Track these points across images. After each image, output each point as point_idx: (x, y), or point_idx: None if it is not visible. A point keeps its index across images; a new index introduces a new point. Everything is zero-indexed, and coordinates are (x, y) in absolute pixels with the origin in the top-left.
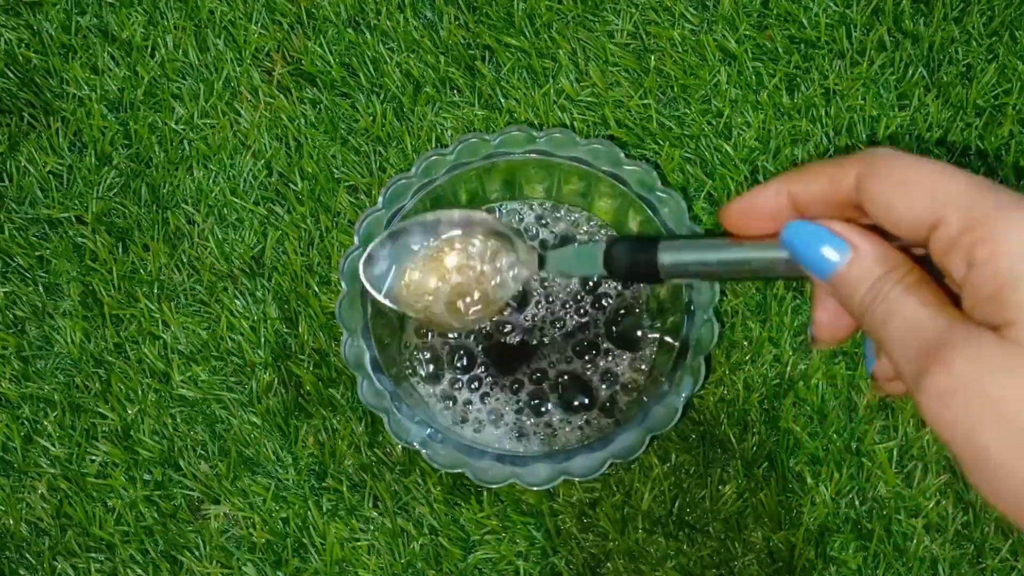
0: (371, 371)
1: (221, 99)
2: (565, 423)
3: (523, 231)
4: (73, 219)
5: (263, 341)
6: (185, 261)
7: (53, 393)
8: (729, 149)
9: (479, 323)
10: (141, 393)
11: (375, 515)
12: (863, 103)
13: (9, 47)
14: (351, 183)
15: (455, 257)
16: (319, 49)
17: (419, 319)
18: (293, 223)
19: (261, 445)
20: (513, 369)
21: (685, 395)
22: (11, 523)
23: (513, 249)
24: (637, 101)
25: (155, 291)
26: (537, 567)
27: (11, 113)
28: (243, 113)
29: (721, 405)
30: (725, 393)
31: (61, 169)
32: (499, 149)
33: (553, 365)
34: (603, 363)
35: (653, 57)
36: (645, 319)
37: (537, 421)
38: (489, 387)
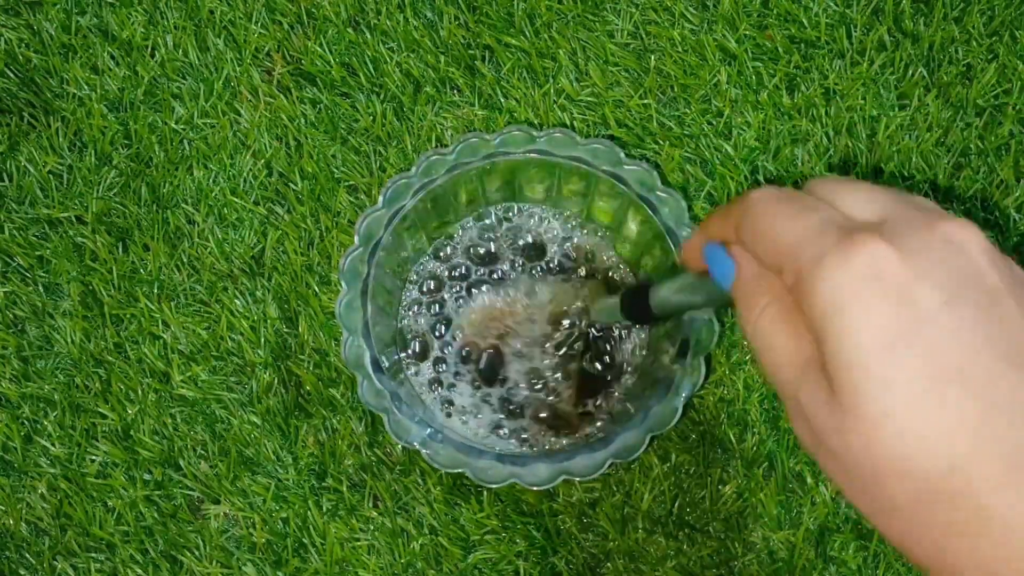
0: (371, 371)
1: (221, 99)
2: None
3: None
4: (73, 219)
5: (263, 341)
6: (185, 261)
7: (53, 393)
8: (729, 149)
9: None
10: (141, 393)
11: (375, 515)
12: (863, 103)
13: (9, 47)
14: (351, 183)
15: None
16: (319, 49)
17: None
18: (293, 223)
19: (261, 445)
20: (503, 375)
21: (685, 395)
22: (11, 523)
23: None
24: (637, 101)
25: (155, 291)
26: (537, 567)
27: (11, 113)
28: (243, 113)
29: (721, 405)
30: (725, 393)
31: (61, 169)
32: (499, 149)
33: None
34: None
35: (653, 57)
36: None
37: (535, 425)
38: (485, 389)
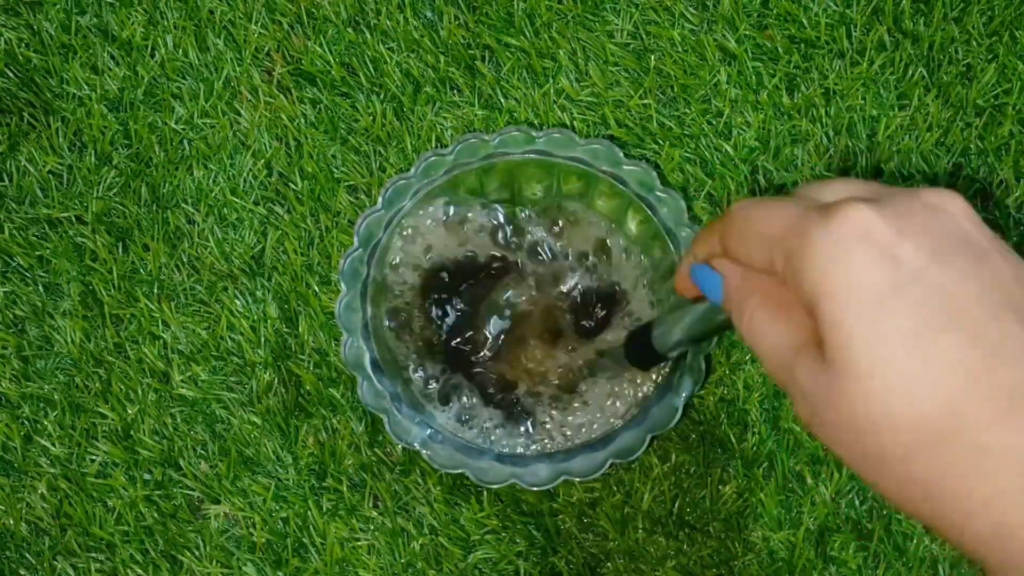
0: (371, 372)
1: (221, 99)
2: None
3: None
4: (73, 219)
5: (263, 341)
6: (185, 261)
7: (53, 393)
8: (729, 149)
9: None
10: (141, 393)
11: (375, 515)
12: (863, 103)
13: (9, 47)
14: (351, 183)
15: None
16: (319, 49)
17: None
18: (293, 223)
19: (261, 445)
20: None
21: (685, 395)
22: (11, 523)
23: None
24: (637, 101)
25: (155, 291)
26: (537, 567)
27: (11, 113)
28: (243, 113)
29: (721, 405)
30: (725, 393)
31: (61, 169)
32: (498, 149)
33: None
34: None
35: (653, 57)
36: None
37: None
38: (484, 389)
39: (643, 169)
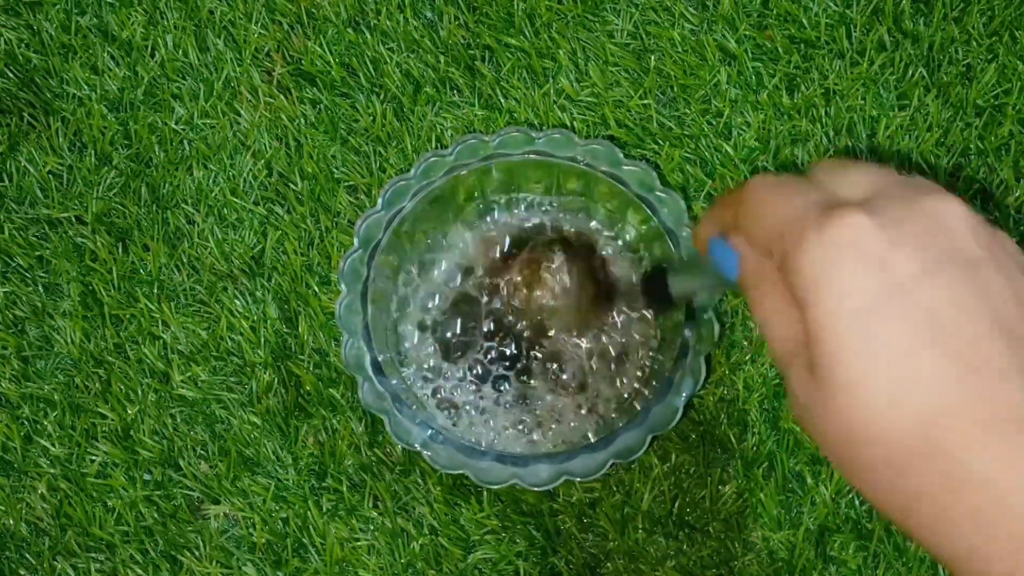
0: (371, 373)
1: (221, 99)
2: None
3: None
4: (73, 219)
5: (263, 341)
6: (185, 261)
7: (53, 393)
8: (729, 149)
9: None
10: (141, 393)
11: (375, 515)
12: (863, 103)
13: (9, 47)
14: (351, 183)
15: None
16: (319, 49)
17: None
18: (293, 223)
19: (261, 445)
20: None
21: (685, 395)
22: (11, 523)
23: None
24: (637, 101)
25: (155, 291)
26: (537, 567)
27: (11, 113)
28: (243, 113)
29: (721, 405)
30: (725, 393)
31: (61, 169)
32: (498, 150)
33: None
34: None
35: (653, 57)
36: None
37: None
38: (485, 386)
39: (643, 169)
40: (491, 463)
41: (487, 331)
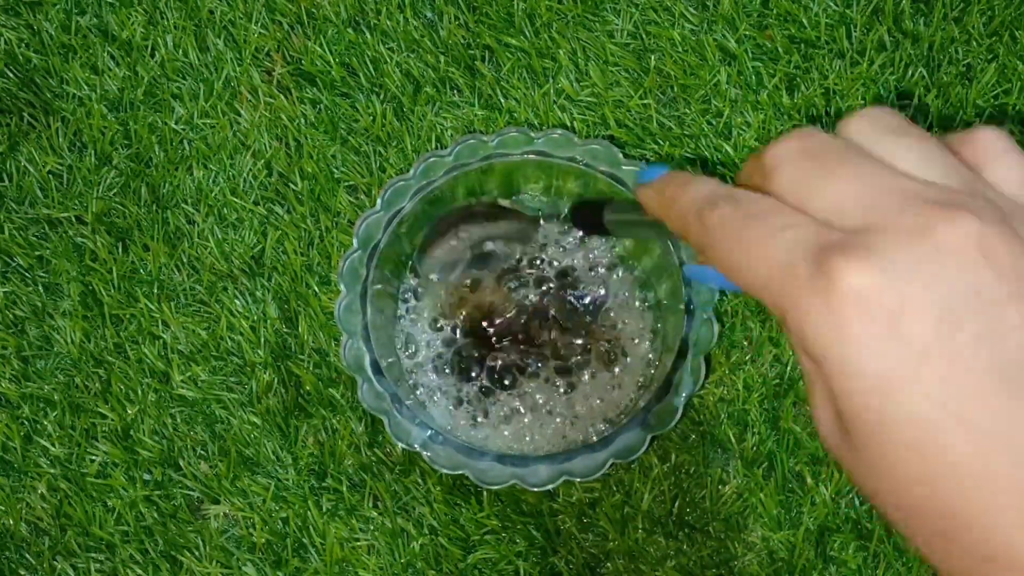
0: (371, 373)
1: (221, 99)
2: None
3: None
4: (73, 219)
5: (263, 341)
6: (185, 261)
7: (53, 393)
8: (729, 149)
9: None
10: (141, 393)
11: (375, 515)
12: (863, 103)
13: (9, 47)
14: (351, 183)
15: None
16: (319, 49)
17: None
18: (293, 223)
19: (261, 445)
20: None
21: (685, 395)
22: (11, 523)
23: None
24: (637, 101)
25: (155, 291)
26: (537, 567)
27: (11, 113)
28: (243, 113)
29: (721, 405)
30: (725, 393)
31: (61, 169)
32: (497, 150)
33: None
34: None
35: (653, 57)
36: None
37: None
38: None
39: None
40: (491, 463)
41: (487, 332)
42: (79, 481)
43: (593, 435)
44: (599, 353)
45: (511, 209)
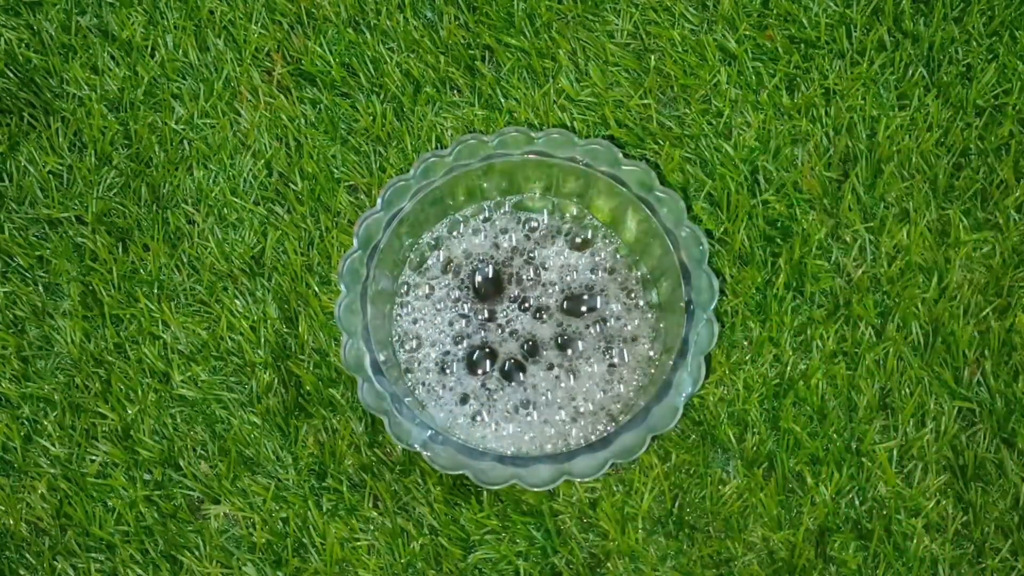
0: (371, 373)
1: (221, 99)
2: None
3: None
4: (73, 219)
5: (263, 341)
6: (185, 261)
7: (53, 393)
8: (729, 149)
9: None
10: (141, 393)
11: (375, 515)
12: (863, 103)
13: (9, 47)
14: (351, 183)
15: None
16: (319, 49)
17: None
18: (293, 223)
19: (261, 445)
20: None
21: (685, 395)
22: (11, 523)
23: None
24: (637, 101)
25: (155, 291)
26: (537, 567)
27: (11, 113)
28: (243, 113)
29: (721, 405)
30: (725, 393)
31: (61, 169)
32: (497, 150)
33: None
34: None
35: (653, 57)
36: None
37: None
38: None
39: (642, 169)
40: (491, 463)
41: (486, 333)
42: (79, 481)
43: (593, 435)
44: (599, 353)
45: None
